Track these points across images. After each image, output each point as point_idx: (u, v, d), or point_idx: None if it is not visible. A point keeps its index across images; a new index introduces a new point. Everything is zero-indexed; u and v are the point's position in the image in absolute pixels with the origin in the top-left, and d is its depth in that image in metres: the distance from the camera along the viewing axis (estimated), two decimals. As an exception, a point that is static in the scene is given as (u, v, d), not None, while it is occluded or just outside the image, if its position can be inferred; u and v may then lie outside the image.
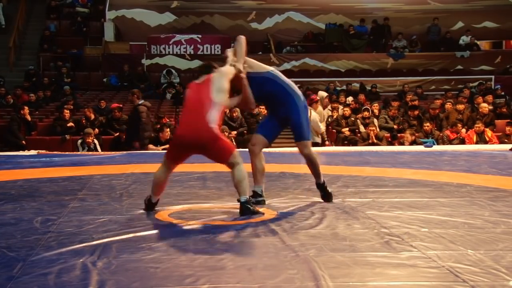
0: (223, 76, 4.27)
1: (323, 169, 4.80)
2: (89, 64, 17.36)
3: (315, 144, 10.12)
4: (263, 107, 11.06)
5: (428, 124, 11.39)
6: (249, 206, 4.09)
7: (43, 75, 16.25)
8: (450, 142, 11.01)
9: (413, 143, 10.60)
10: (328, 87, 15.94)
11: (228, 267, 2.89)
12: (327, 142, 10.84)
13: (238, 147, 9.39)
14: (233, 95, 4.43)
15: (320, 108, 10.65)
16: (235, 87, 4.38)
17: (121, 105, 12.35)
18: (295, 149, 4.81)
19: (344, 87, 16.09)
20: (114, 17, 18.89)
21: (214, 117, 4.07)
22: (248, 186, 4.19)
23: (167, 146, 10.06)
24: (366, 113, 12.08)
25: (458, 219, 3.96)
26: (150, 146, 10.07)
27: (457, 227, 3.72)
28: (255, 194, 4.59)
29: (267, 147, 4.75)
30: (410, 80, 16.79)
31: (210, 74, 4.29)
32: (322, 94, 12.02)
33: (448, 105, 12.60)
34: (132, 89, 10.86)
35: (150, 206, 4.32)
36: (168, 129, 10.29)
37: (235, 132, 11.40)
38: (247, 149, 4.74)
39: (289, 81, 4.64)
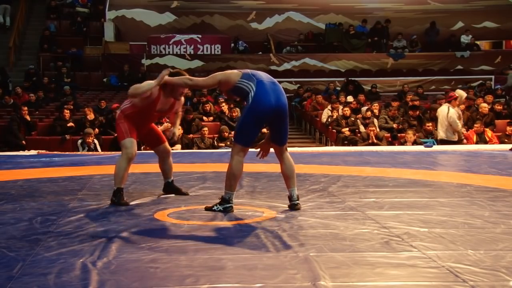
0: None
1: (325, 169, 4.79)
2: (89, 64, 17.37)
3: (451, 142, 10.04)
4: None
5: (430, 124, 11.38)
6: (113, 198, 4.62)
7: (43, 75, 16.25)
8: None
9: (413, 143, 10.60)
10: (328, 87, 15.94)
11: (228, 267, 2.89)
12: (464, 140, 10.62)
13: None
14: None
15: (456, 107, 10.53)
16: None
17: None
18: (295, 149, 4.81)
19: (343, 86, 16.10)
20: (114, 17, 18.89)
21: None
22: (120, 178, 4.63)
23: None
24: (368, 113, 12.08)
25: (458, 219, 3.97)
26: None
27: (457, 227, 3.72)
28: (289, 198, 4.43)
29: (279, 149, 4.43)
30: (410, 80, 16.80)
31: None
32: (461, 93, 11.85)
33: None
34: None
35: None
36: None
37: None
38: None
39: (255, 77, 4.26)
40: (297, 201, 4.40)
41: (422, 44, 18.65)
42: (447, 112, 9.98)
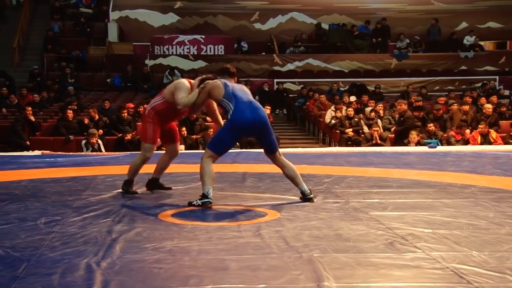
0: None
1: (329, 170, 4.79)
2: (92, 65, 17.39)
3: None
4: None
5: (431, 124, 11.36)
6: None
7: (47, 75, 16.28)
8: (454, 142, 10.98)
9: (417, 143, 10.57)
10: (332, 88, 15.92)
11: (232, 268, 2.89)
12: None
13: (241, 148, 9.42)
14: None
15: None
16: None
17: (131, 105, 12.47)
18: (299, 150, 4.81)
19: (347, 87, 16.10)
20: (117, 18, 18.90)
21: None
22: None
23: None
24: (372, 114, 12.06)
25: (463, 220, 3.96)
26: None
27: (461, 228, 3.72)
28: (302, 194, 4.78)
29: (273, 157, 4.82)
30: (414, 81, 16.78)
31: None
32: None
33: (454, 106, 12.57)
34: None
35: None
36: None
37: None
38: (251, 150, 4.77)
39: (234, 98, 4.64)
40: (311, 195, 4.71)
41: (426, 44, 18.62)
42: None
